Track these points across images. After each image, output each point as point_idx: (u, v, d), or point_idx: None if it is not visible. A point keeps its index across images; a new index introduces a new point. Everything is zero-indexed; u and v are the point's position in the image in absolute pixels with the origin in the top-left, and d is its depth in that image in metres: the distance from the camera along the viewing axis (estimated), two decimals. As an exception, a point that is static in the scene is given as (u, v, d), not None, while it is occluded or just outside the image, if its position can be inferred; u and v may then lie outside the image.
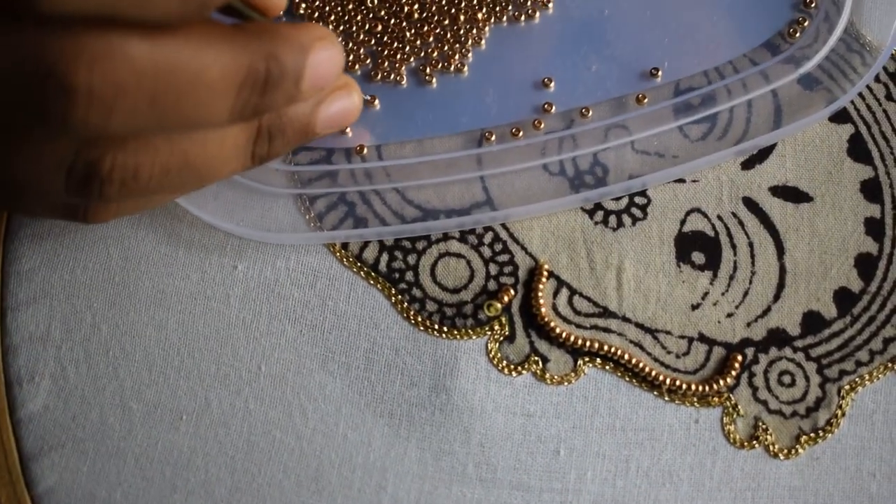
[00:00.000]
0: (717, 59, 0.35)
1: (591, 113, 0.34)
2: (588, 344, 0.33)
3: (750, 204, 0.34)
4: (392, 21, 0.35)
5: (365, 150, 0.34)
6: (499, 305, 0.33)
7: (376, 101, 0.35)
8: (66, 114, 0.22)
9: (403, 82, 0.35)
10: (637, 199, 0.35)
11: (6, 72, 0.21)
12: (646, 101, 0.34)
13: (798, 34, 0.35)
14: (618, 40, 0.35)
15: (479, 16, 0.35)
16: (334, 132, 0.31)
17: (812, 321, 0.33)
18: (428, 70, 0.35)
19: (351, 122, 0.30)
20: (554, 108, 0.35)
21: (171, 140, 0.24)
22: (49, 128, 0.22)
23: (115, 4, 0.21)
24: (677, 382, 0.33)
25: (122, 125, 0.22)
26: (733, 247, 0.34)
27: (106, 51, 0.21)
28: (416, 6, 0.36)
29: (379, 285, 0.34)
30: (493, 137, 0.34)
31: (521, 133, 0.34)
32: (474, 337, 0.33)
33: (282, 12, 0.29)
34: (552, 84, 0.35)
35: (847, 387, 0.33)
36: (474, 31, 0.35)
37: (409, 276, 0.34)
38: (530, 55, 0.35)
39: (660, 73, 0.35)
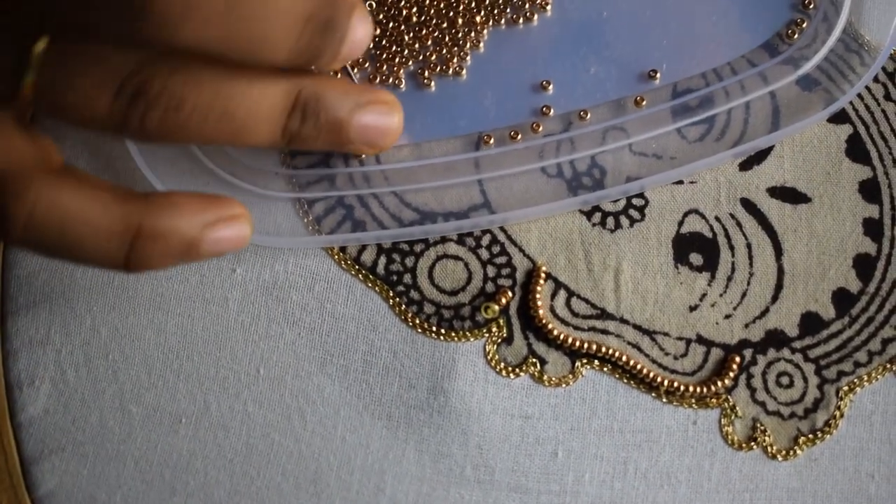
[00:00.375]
0: (717, 60, 0.35)
1: (589, 115, 0.34)
2: (586, 346, 0.33)
3: (748, 205, 0.34)
4: (390, 24, 0.36)
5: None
6: (496, 308, 0.33)
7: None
8: (141, 18, 0.22)
9: (402, 86, 0.35)
10: (635, 201, 0.35)
11: None
12: (644, 103, 0.34)
13: (797, 35, 0.35)
14: (616, 42, 0.35)
15: (478, 19, 0.35)
16: (368, 153, 0.32)
17: (810, 322, 0.33)
18: (426, 73, 0.35)
19: (388, 144, 0.30)
20: (552, 110, 0.35)
21: (218, 81, 0.25)
22: (116, 40, 0.23)
23: (227, 38, 0.23)
24: (675, 384, 0.33)
25: (192, 35, 0.23)
26: (731, 248, 0.34)
27: None
28: (414, 9, 0.36)
29: (377, 288, 0.34)
30: (492, 140, 0.34)
31: (519, 136, 0.34)
32: (472, 339, 0.33)
33: None
34: (551, 87, 0.35)
35: (845, 388, 0.33)
36: (472, 34, 0.35)
37: (407, 278, 0.34)
38: (529, 58, 0.35)
39: (658, 74, 0.35)
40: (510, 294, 0.34)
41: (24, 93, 0.24)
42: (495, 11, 0.35)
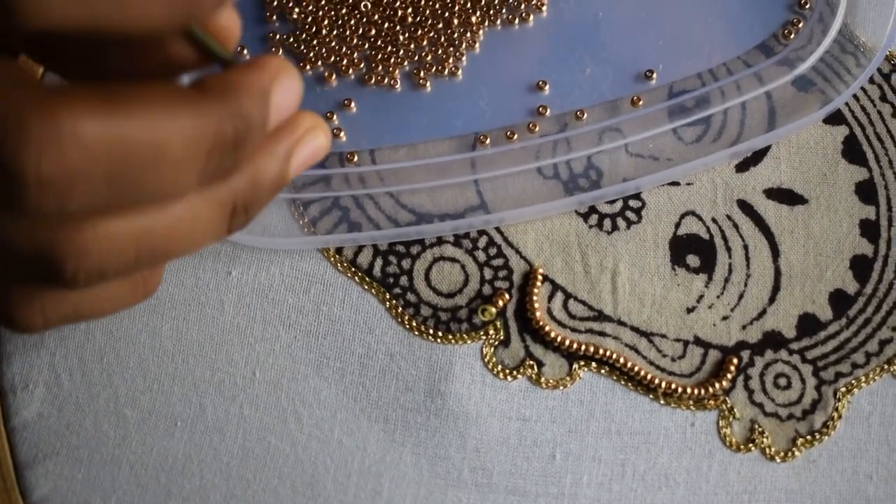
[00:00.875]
0: (712, 60, 0.35)
1: (585, 116, 0.34)
2: (583, 348, 0.33)
3: (744, 206, 0.34)
4: (386, 25, 0.35)
5: (357, 156, 0.34)
6: (493, 310, 0.33)
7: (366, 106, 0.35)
8: (19, 201, 0.20)
9: (397, 86, 0.35)
10: (631, 203, 0.34)
11: None
12: (640, 103, 0.34)
13: (792, 36, 0.35)
14: (612, 43, 0.35)
15: (473, 19, 0.35)
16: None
17: (807, 323, 0.33)
18: (422, 74, 0.35)
19: (321, 159, 0.28)
20: (548, 111, 0.34)
21: (137, 233, 0.23)
22: (5, 211, 0.21)
23: (95, 16, 0.20)
24: (673, 386, 0.32)
25: (79, 208, 0.21)
26: (728, 249, 0.34)
27: (54, 135, 0.20)
28: (409, 10, 0.35)
29: (373, 290, 0.34)
30: (488, 141, 0.34)
31: (515, 136, 0.34)
32: (469, 341, 0.33)
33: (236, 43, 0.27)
34: (546, 87, 0.35)
35: (843, 389, 0.33)
36: (468, 34, 0.35)
37: (404, 280, 0.34)
38: (524, 58, 0.35)
39: (654, 75, 0.35)
40: (507, 296, 0.34)
41: None
42: (491, 12, 0.35)
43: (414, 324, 0.33)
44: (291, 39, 0.36)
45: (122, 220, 0.22)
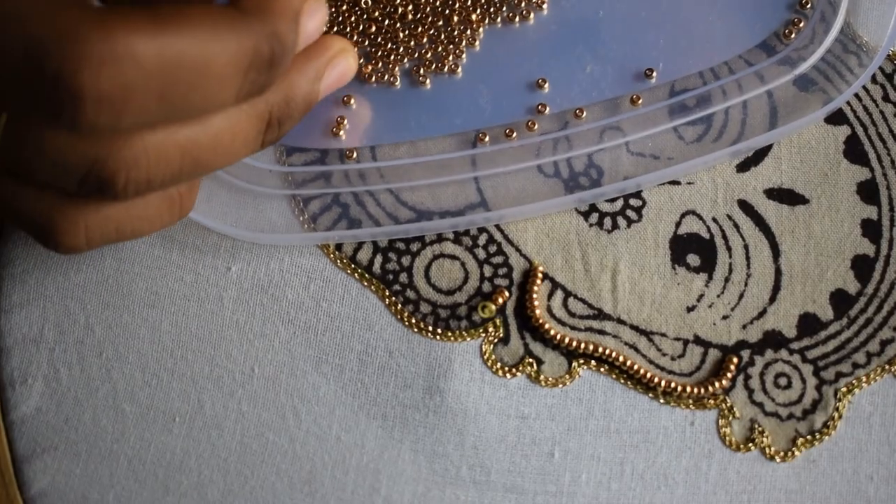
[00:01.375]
0: (713, 59, 0.35)
1: (584, 114, 0.34)
2: (583, 346, 0.33)
3: (745, 206, 0.34)
4: (386, 22, 0.35)
5: (357, 153, 0.34)
6: (493, 307, 0.33)
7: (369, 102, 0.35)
8: (76, 117, 0.22)
9: (397, 83, 0.35)
10: (632, 202, 0.34)
11: (17, 70, 0.21)
12: (640, 101, 0.34)
13: (794, 35, 0.35)
14: (612, 41, 0.35)
15: (473, 17, 0.35)
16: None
17: (808, 323, 0.33)
18: (422, 71, 0.35)
19: (347, 81, 0.31)
20: (548, 109, 0.34)
21: (181, 145, 0.24)
22: (61, 127, 0.22)
23: (172, 114, 0.21)
24: (672, 384, 0.32)
25: (132, 123, 0.22)
26: (728, 249, 0.34)
27: (112, 53, 0.21)
28: (409, 7, 0.35)
29: (373, 287, 0.34)
30: (487, 138, 0.34)
31: (514, 134, 0.34)
32: (468, 339, 0.33)
33: None
34: (546, 85, 0.35)
35: (844, 389, 0.32)
36: (468, 31, 0.35)
37: (404, 277, 0.34)
38: (524, 56, 0.35)
39: (654, 73, 0.35)
40: (507, 294, 0.33)
41: None
42: (491, 10, 0.35)
43: (413, 321, 0.33)
44: (293, 36, 0.36)
45: (168, 132, 0.24)
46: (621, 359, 0.33)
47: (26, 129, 0.23)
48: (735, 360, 0.33)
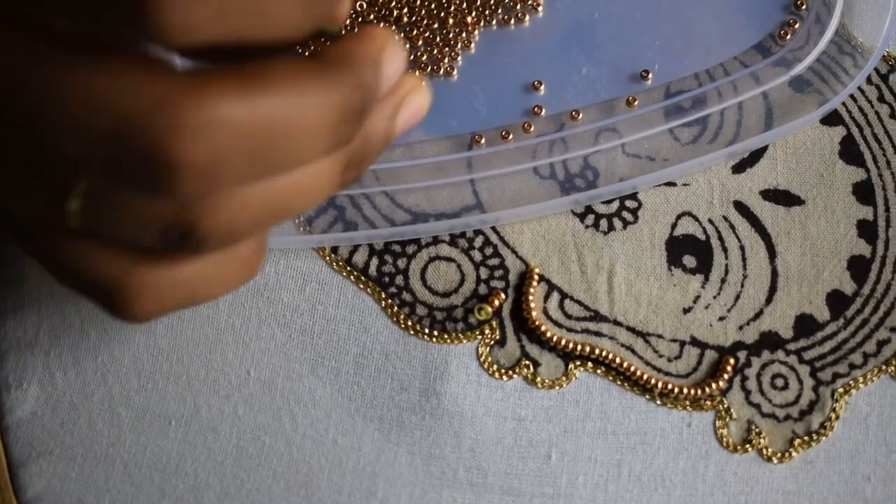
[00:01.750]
0: (708, 61, 0.35)
1: (580, 115, 0.34)
2: (579, 348, 0.33)
3: (741, 208, 0.34)
4: (381, 25, 0.35)
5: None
6: (489, 309, 0.33)
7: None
8: (172, 189, 0.21)
9: (393, 86, 0.35)
10: (628, 203, 0.34)
11: (107, 147, 0.20)
12: (636, 103, 0.34)
13: (789, 36, 0.35)
14: (608, 43, 0.35)
15: (469, 19, 0.35)
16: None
17: (805, 324, 0.33)
18: (417, 73, 0.35)
19: (422, 118, 0.29)
20: (544, 111, 0.34)
21: (266, 187, 0.23)
22: (149, 198, 0.22)
23: (237, 30, 0.20)
24: (669, 386, 0.32)
25: (227, 184, 0.22)
26: (724, 250, 0.34)
27: (204, 121, 0.20)
28: (405, 10, 0.35)
29: (369, 289, 0.34)
30: (483, 140, 0.34)
31: (510, 136, 0.34)
32: (465, 341, 0.33)
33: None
34: (542, 87, 0.35)
35: (841, 390, 0.32)
36: (464, 34, 0.35)
37: (400, 280, 0.34)
38: (520, 58, 0.35)
39: (650, 75, 0.35)
40: (503, 296, 0.33)
41: (71, 223, 0.23)
42: (486, 12, 0.35)
43: (409, 323, 0.33)
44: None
45: (251, 185, 0.23)
46: (618, 360, 0.32)
47: (102, 190, 0.22)
48: (732, 361, 0.33)
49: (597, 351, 0.33)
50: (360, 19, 0.36)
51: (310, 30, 0.22)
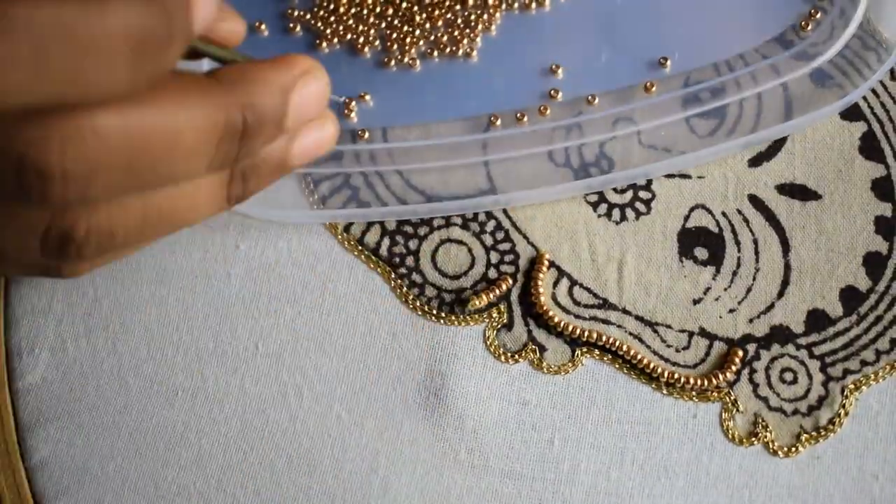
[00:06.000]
0: (729, 51, 0.35)
1: (597, 100, 0.34)
2: (586, 334, 0.32)
3: (756, 201, 0.34)
4: (403, 4, 0.36)
5: (369, 133, 0.34)
6: (478, 302, 0.33)
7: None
8: (43, 195, 0.21)
9: (414, 66, 0.35)
10: (641, 194, 0.34)
11: None
12: (654, 89, 0.34)
13: (811, 28, 0.35)
14: (629, 30, 0.35)
15: (490, 1, 0.35)
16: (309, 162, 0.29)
17: (817, 319, 0.33)
18: (437, 54, 0.35)
19: (325, 152, 0.28)
20: (560, 94, 0.34)
21: (144, 199, 0.23)
22: (25, 205, 0.22)
23: (59, 90, 0.20)
24: (676, 376, 0.32)
25: (98, 195, 0.22)
26: (737, 243, 0.34)
27: (75, 131, 0.20)
28: (426, -10, 0.36)
29: (379, 269, 0.34)
30: (499, 122, 0.34)
31: (525, 119, 0.34)
32: (472, 323, 0.33)
33: (241, 40, 0.27)
34: (560, 71, 0.35)
35: (851, 386, 0.32)
36: (485, 16, 0.35)
37: (410, 261, 0.34)
38: (540, 42, 0.35)
39: (669, 63, 0.34)
40: (511, 281, 0.33)
41: None
42: (508, -5, 0.35)
43: (418, 304, 0.33)
44: (309, 16, 0.36)
45: (131, 197, 0.23)
46: (625, 348, 0.32)
47: None
48: (740, 353, 0.32)
49: (604, 338, 0.32)
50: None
51: (143, 85, 0.21)
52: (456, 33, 0.35)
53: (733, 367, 0.32)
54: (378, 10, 0.35)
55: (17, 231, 0.23)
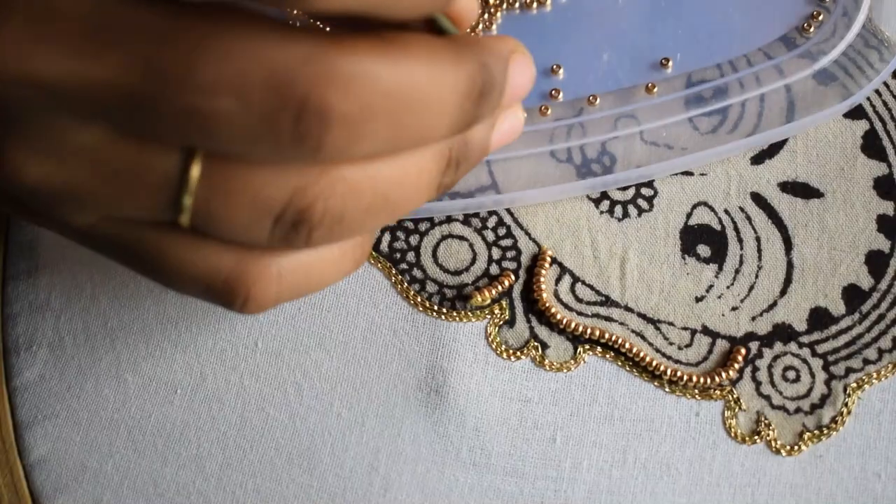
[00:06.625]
0: (732, 52, 0.35)
1: (598, 101, 0.34)
2: (589, 331, 0.32)
3: (758, 199, 0.34)
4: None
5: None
6: (484, 297, 0.32)
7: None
8: (320, 142, 0.21)
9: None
10: (644, 191, 0.34)
11: (263, 101, 0.20)
12: (655, 90, 0.34)
13: (814, 28, 0.35)
14: (630, 29, 0.35)
15: (491, 1, 0.35)
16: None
17: (819, 317, 0.33)
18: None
19: (515, 139, 0.29)
20: (561, 94, 0.34)
21: (376, 181, 0.23)
22: (289, 159, 0.21)
23: (371, 5, 0.20)
24: (678, 373, 0.32)
25: (363, 149, 0.22)
26: (740, 241, 0.33)
27: (356, 73, 0.20)
28: (427, -12, 0.35)
29: (380, 265, 0.34)
30: None
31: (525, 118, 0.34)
32: (474, 320, 0.33)
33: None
34: (561, 71, 0.35)
35: (854, 384, 0.32)
36: (486, 16, 0.35)
37: (411, 256, 0.34)
38: (541, 42, 0.35)
39: (671, 63, 0.34)
40: (513, 277, 0.33)
41: (183, 216, 0.22)
42: (510, -7, 0.35)
43: (419, 300, 0.33)
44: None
45: (362, 167, 0.23)
46: (627, 346, 0.32)
47: (217, 176, 0.22)
48: (743, 351, 0.32)
49: (606, 335, 0.32)
50: None
51: (438, 8, 0.22)
52: (457, 31, 0.35)
53: (736, 365, 0.32)
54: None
55: (252, 206, 0.22)
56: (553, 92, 0.34)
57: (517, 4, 0.35)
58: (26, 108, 0.21)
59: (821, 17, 0.35)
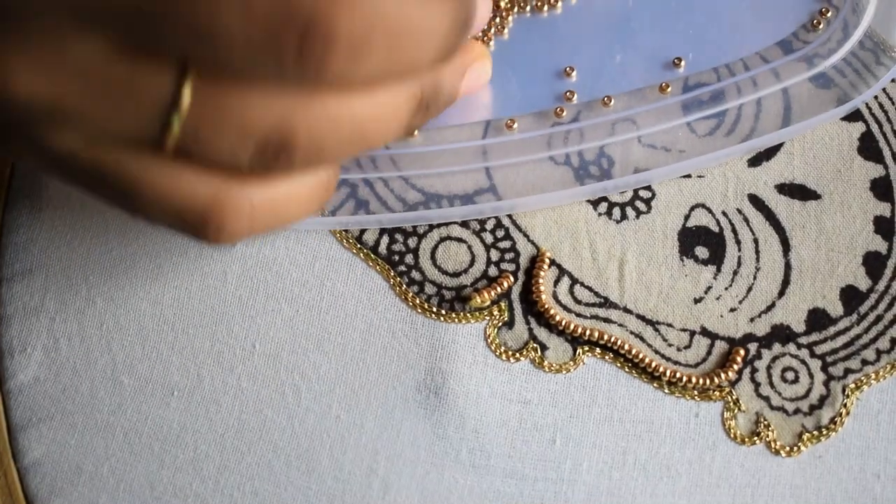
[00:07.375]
0: (742, 51, 0.35)
1: (612, 102, 0.34)
2: (588, 333, 0.32)
3: (755, 201, 0.34)
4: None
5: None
6: (484, 298, 0.32)
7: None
8: (323, 61, 0.21)
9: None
10: (641, 193, 0.34)
11: (259, 22, 0.20)
12: (669, 90, 0.34)
13: (816, 32, 0.35)
14: (642, 30, 0.35)
15: (502, 4, 0.35)
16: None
17: (817, 318, 0.33)
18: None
19: (484, 84, 0.32)
20: (576, 96, 0.34)
21: (353, 112, 0.23)
22: (286, 77, 0.21)
23: None
24: (678, 375, 0.32)
25: (360, 73, 0.22)
26: (738, 242, 0.34)
27: None
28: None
29: (378, 267, 0.33)
30: (515, 126, 0.34)
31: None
32: (473, 321, 0.33)
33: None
34: (574, 73, 0.35)
35: (852, 385, 0.32)
36: (497, 20, 0.35)
37: (409, 258, 0.33)
38: (553, 45, 0.35)
39: (682, 63, 0.34)
40: (512, 279, 0.33)
41: (170, 137, 0.22)
42: (521, -1, 0.35)
43: (418, 301, 0.33)
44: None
45: (341, 99, 0.23)
46: (626, 347, 0.32)
47: (208, 96, 0.22)
48: (742, 352, 0.32)
49: (605, 337, 0.32)
50: None
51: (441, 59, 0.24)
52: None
53: (735, 367, 0.32)
54: None
55: (239, 129, 0.22)
56: (567, 94, 0.34)
57: (528, 7, 0.36)
58: (28, 14, 0.21)
59: (822, 22, 0.35)
